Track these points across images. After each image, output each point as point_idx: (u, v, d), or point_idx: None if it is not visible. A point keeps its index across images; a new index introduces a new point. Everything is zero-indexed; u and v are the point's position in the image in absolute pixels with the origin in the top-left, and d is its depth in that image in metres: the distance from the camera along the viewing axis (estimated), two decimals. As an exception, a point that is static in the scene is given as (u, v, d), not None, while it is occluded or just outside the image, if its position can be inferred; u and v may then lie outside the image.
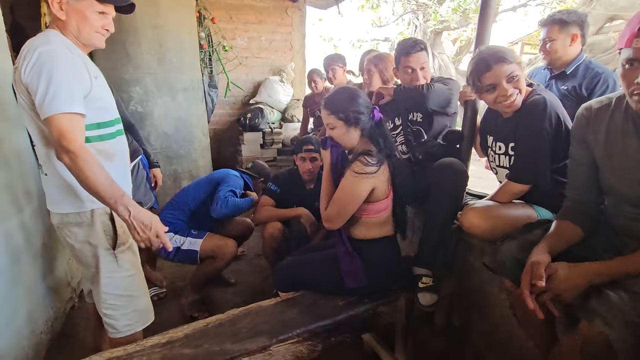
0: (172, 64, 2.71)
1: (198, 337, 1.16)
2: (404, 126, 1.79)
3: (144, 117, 2.67)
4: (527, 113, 1.27)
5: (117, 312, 1.27)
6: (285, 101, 4.28)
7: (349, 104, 1.30)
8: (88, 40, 1.16)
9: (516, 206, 1.35)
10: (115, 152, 1.25)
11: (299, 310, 1.29)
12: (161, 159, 2.79)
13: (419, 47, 1.62)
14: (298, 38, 4.63)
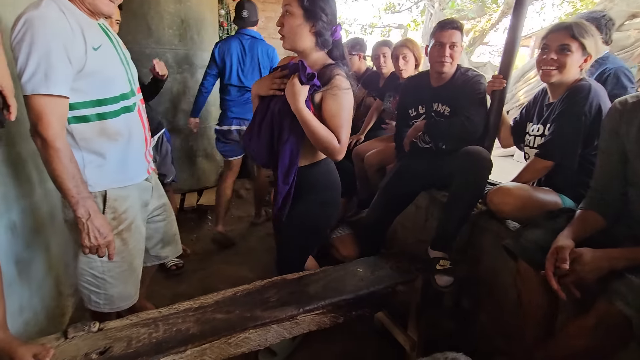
0: (192, 41, 2.70)
1: (228, 304, 1.22)
2: (427, 116, 1.80)
3: (163, 93, 2.65)
4: (571, 95, 1.32)
5: (90, 288, 1.25)
6: (299, 84, 4.26)
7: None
8: (93, 4, 1.05)
9: (545, 191, 1.40)
10: (119, 132, 1.16)
11: (323, 284, 1.35)
12: (178, 135, 2.82)
13: (454, 25, 1.63)
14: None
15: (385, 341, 1.67)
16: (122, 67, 1.18)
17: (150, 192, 1.38)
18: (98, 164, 1.14)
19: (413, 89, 1.84)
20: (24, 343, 0.95)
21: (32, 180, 1.46)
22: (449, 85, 1.70)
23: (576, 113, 1.30)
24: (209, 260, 2.34)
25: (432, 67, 1.71)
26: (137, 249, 1.32)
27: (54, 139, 0.97)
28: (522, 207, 1.35)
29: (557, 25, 1.35)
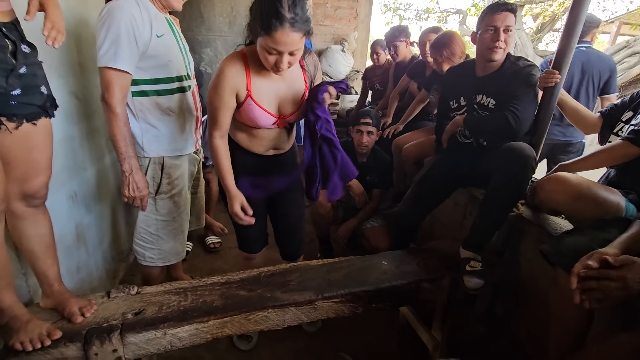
0: (241, 28, 2.74)
1: (252, 282, 1.29)
2: (469, 108, 1.67)
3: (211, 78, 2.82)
4: None
5: (146, 245, 1.50)
6: (344, 72, 4.22)
7: None
8: (167, 1, 1.29)
9: (609, 189, 1.21)
10: (172, 108, 1.36)
11: (345, 273, 1.36)
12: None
13: (507, 7, 1.47)
14: (365, 6, 4.46)
15: (408, 338, 1.65)
16: (180, 54, 1.38)
17: (196, 164, 1.64)
18: (154, 134, 1.37)
19: (455, 79, 1.71)
20: (74, 296, 1.09)
21: (92, 155, 1.64)
22: (496, 75, 1.56)
23: None
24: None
25: (482, 55, 1.56)
26: (185, 212, 1.56)
27: (115, 105, 1.19)
28: (578, 198, 1.19)
29: None
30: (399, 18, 11.72)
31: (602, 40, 10.57)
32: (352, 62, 4.27)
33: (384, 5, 12.18)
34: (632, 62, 5.94)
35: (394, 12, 12.05)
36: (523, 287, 1.59)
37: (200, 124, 1.56)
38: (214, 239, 2.30)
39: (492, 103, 1.56)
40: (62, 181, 1.39)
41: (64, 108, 1.40)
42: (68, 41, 1.42)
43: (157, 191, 1.43)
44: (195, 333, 1.10)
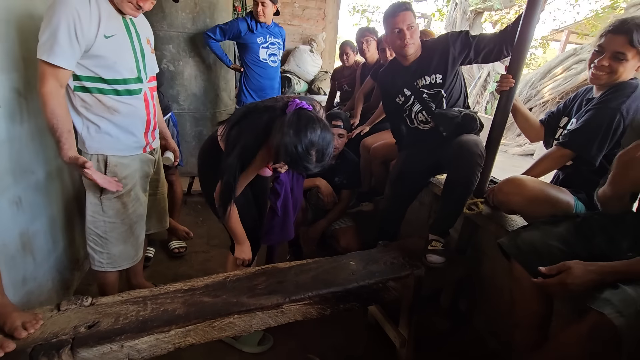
0: (205, 25, 2.69)
1: (217, 288, 1.24)
2: (416, 95, 1.71)
3: (175, 76, 2.70)
4: (613, 90, 1.25)
5: (95, 248, 1.45)
6: (313, 72, 4.22)
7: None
8: (119, 3, 1.24)
9: (559, 189, 1.31)
10: (117, 108, 1.33)
11: (313, 275, 1.35)
12: (188, 119, 2.85)
13: (403, 7, 1.59)
14: (332, 7, 4.49)
15: (376, 336, 1.67)
16: (132, 57, 1.34)
17: (153, 165, 1.57)
18: (96, 130, 1.34)
19: (390, 79, 1.78)
20: (18, 310, 1.00)
21: (41, 156, 1.51)
22: (423, 55, 1.66)
23: (612, 107, 1.21)
24: (213, 243, 2.38)
25: (399, 53, 1.67)
26: (136, 214, 1.49)
27: (46, 96, 1.18)
28: (533, 200, 1.27)
29: (617, 27, 1.22)
30: (366, 20, 11.94)
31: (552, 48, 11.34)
32: (320, 62, 4.28)
33: (352, 7, 12.36)
34: (579, 68, 6.42)
35: (362, 13, 12.26)
36: (483, 283, 1.67)
37: (155, 127, 1.52)
38: (178, 244, 2.21)
39: (438, 78, 1.64)
40: (5, 186, 1.28)
41: (7, 106, 1.29)
42: (11, 33, 1.31)
43: (102, 190, 1.37)
44: (155, 344, 1.04)
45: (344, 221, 2.23)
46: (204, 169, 1.50)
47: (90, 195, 1.40)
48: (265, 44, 2.73)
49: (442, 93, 1.65)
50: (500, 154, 2.55)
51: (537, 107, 6.91)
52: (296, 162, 1.11)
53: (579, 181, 1.33)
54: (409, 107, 1.75)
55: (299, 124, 1.09)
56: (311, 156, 1.11)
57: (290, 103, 1.16)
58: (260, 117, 1.21)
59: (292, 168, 1.18)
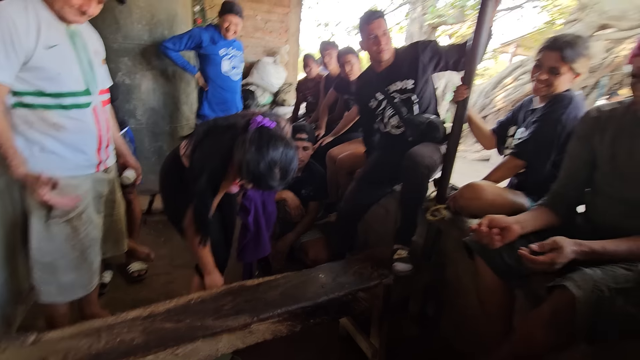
0: (163, 37, 2.62)
1: (180, 312, 1.17)
2: (388, 99, 1.78)
3: (131, 89, 2.60)
4: (552, 102, 1.37)
5: (42, 278, 1.32)
6: (277, 84, 4.23)
7: None
8: (59, 10, 1.14)
9: (515, 193, 1.42)
10: (63, 125, 1.23)
11: (282, 291, 1.32)
12: (146, 134, 2.74)
13: (378, 14, 1.67)
14: (294, 20, 4.55)
15: (349, 348, 1.65)
16: (78, 68, 1.25)
17: (106, 184, 1.47)
18: (40, 150, 1.22)
19: (363, 84, 1.86)
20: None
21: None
22: (395, 62, 1.73)
23: (554, 119, 1.34)
24: (176, 264, 2.27)
25: (374, 58, 1.74)
26: (89, 238, 1.37)
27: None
28: (491, 204, 1.36)
29: (551, 44, 1.34)
30: (330, 33, 12.20)
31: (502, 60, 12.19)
32: (284, 74, 4.29)
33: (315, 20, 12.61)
34: (525, 79, 6.92)
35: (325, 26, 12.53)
36: (449, 286, 1.71)
37: (109, 143, 1.43)
38: (138, 266, 2.08)
39: (408, 84, 1.72)
40: None
41: None
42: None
43: (49, 214, 1.25)
44: (110, 380, 0.96)
45: (312, 233, 2.22)
46: (167, 187, 1.43)
47: (35, 219, 1.27)
48: (228, 56, 2.70)
49: (413, 98, 1.72)
50: (460, 159, 2.66)
51: (491, 115, 7.35)
52: (259, 180, 1.10)
53: (532, 186, 1.42)
54: (381, 112, 1.82)
55: (261, 141, 1.08)
56: (274, 174, 1.10)
57: (253, 120, 1.14)
58: (223, 136, 1.18)
59: (255, 186, 1.16)
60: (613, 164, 1.06)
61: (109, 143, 1.44)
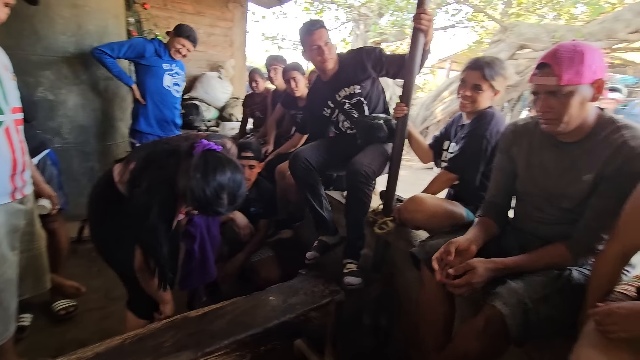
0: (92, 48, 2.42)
1: (113, 355, 1.05)
2: (339, 107, 1.83)
3: (56, 106, 2.35)
4: (476, 120, 1.49)
5: None
6: (223, 99, 4.11)
7: None
8: None
9: (453, 203, 1.50)
10: None
11: (229, 319, 1.24)
12: (75, 154, 2.49)
13: (318, 25, 1.68)
14: (239, 34, 4.49)
15: (304, 369, 1.60)
16: None
17: (22, 216, 1.30)
18: None
19: (315, 95, 1.90)
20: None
21: None
22: (341, 69, 1.77)
23: (479, 135, 1.45)
24: (112, 296, 2.05)
25: (319, 68, 1.78)
26: (3, 279, 1.21)
27: None
28: (432, 215, 1.44)
29: (473, 63, 1.47)
30: (276, 47, 12.27)
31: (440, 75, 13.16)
32: (230, 89, 4.20)
33: (262, 34, 12.61)
34: (460, 92, 7.51)
35: (272, 40, 12.58)
36: (399, 296, 1.75)
37: (25, 168, 1.26)
38: (65, 303, 1.85)
39: (356, 89, 1.76)
40: None
41: None
42: None
43: None
44: None
45: (263, 252, 2.15)
46: (97, 217, 1.29)
47: None
48: (172, 72, 2.57)
49: (363, 101, 1.77)
50: (407, 169, 2.77)
51: (433, 126, 7.84)
52: (206, 207, 1.04)
53: (467, 196, 1.52)
54: (335, 117, 1.87)
55: (207, 167, 1.02)
56: (222, 200, 1.04)
57: (197, 144, 1.07)
58: (167, 164, 1.09)
59: (202, 213, 1.09)
60: (529, 173, 1.16)
61: (24, 168, 1.27)
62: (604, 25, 5.94)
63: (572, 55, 0.92)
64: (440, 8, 8.90)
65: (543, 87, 0.98)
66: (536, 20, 8.17)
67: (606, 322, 0.80)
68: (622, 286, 0.98)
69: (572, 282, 1.00)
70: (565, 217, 1.09)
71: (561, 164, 1.07)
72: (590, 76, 0.93)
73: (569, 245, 1.03)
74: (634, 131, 0.95)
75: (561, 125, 0.99)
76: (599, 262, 0.96)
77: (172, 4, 3.95)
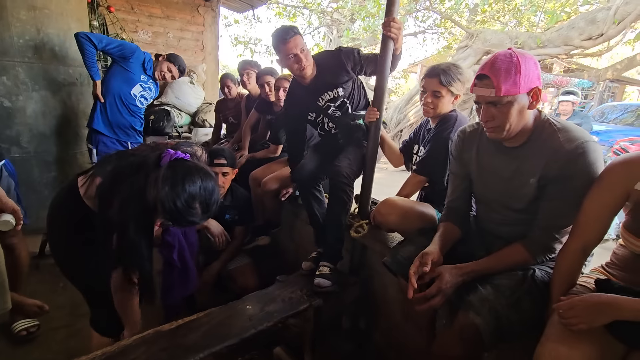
0: (53, 53, 2.31)
1: (78, 377, 1.00)
2: (322, 111, 1.82)
3: (13, 113, 2.22)
4: (440, 123, 1.53)
5: None
6: (195, 104, 4.03)
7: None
8: None
9: (424, 205, 1.54)
10: None
11: (204, 331, 1.21)
12: (36, 164, 2.36)
13: (292, 32, 1.63)
14: (210, 39, 4.42)
15: (283, 377, 1.58)
16: None
17: None
18: None
19: (296, 101, 1.86)
20: None
21: None
22: (320, 73, 1.74)
23: (443, 138, 1.50)
24: (79, 313, 1.94)
25: (298, 76, 1.74)
26: None
27: None
28: (405, 217, 1.47)
29: (430, 71, 1.52)
30: (250, 52, 12.18)
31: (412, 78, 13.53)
32: (202, 94, 4.12)
33: (235, 39, 12.49)
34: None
35: (245, 45, 12.47)
36: (377, 299, 1.76)
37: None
38: (26, 324, 1.73)
39: (339, 92, 1.75)
40: None
41: None
42: None
43: None
44: None
45: (240, 259, 2.11)
46: (61, 230, 1.22)
47: None
48: (145, 85, 2.50)
49: (346, 102, 1.77)
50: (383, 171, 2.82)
51: (406, 129, 8.03)
52: (178, 218, 1.00)
53: (437, 197, 1.56)
54: (320, 121, 1.87)
55: (175, 178, 0.98)
56: (194, 210, 1.01)
57: (164, 155, 1.03)
58: (137, 180, 1.03)
59: (175, 224, 1.06)
60: (481, 178, 1.20)
61: None
62: (561, 33, 6.32)
63: (509, 67, 0.96)
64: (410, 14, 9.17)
65: (483, 98, 1.02)
66: (500, 27, 8.58)
67: (568, 315, 0.84)
68: (582, 279, 1.03)
69: (537, 281, 1.04)
70: (520, 217, 1.13)
71: (509, 168, 1.11)
72: (526, 86, 0.97)
73: (526, 245, 1.07)
74: (568, 134, 0.99)
75: (504, 133, 1.03)
76: (561, 258, 1.01)
77: (139, 7, 3.84)
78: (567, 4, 7.09)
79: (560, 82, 8.47)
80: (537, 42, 6.41)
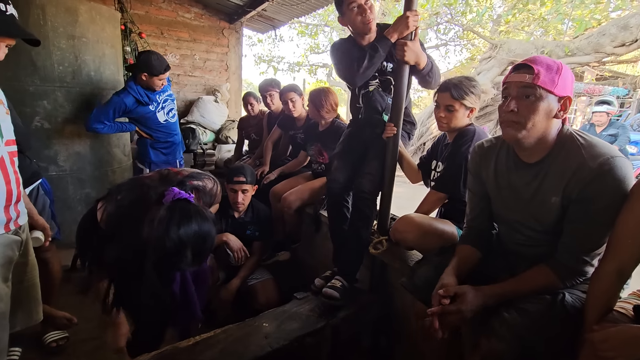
0: (89, 78, 2.47)
1: (99, 391, 1.02)
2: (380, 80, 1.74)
3: (51, 134, 2.37)
4: (458, 138, 1.50)
5: None
6: (219, 122, 4.16)
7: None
8: None
9: (443, 222, 1.49)
10: None
11: (221, 348, 1.22)
12: (71, 182, 2.50)
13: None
14: (234, 59, 4.60)
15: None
16: None
17: (18, 247, 1.28)
18: None
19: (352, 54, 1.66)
20: None
21: None
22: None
23: (461, 153, 1.46)
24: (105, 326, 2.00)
25: (362, 31, 1.63)
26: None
27: None
28: (423, 235, 1.42)
29: (442, 85, 1.50)
30: (273, 69, 12.53)
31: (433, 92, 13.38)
32: (226, 112, 4.26)
33: (258, 57, 12.91)
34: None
35: (268, 63, 12.85)
36: (399, 316, 1.71)
37: (20, 198, 1.26)
38: (56, 335, 1.81)
39: (389, 66, 1.69)
40: None
41: None
42: None
43: None
44: None
45: (260, 274, 2.12)
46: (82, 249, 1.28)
47: None
48: (160, 106, 2.58)
49: (391, 81, 1.68)
50: (403, 186, 2.78)
51: (429, 142, 7.90)
52: (165, 262, 0.98)
53: (457, 213, 1.51)
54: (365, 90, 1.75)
55: (171, 221, 0.96)
56: (185, 256, 0.98)
57: (167, 192, 1.02)
58: (138, 217, 1.00)
59: (162, 267, 1.02)
60: (499, 196, 1.13)
61: (19, 198, 1.27)
62: (591, 40, 6.09)
63: (551, 64, 0.93)
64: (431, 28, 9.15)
65: (516, 84, 0.95)
66: (525, 37, 8.38)
67: (603, 348, 0.77)
68: (619, 304, 0.96)
69: (567, 306, 0.96)
70: (546, 238, 1.05)
71: (529, 186, 1.04)
72: (561, 89, 0.93)
73: (553, 267, 0.99)
74: (593, 150, 0.93)
75: (522, 132, 0.95)
76: (594, 281, 0.93)
77: (168, 32, 4.06)
78: (596, 11, 6.84)
79: (592, 90, 8.08)
80: (565, 51, 6.20)
